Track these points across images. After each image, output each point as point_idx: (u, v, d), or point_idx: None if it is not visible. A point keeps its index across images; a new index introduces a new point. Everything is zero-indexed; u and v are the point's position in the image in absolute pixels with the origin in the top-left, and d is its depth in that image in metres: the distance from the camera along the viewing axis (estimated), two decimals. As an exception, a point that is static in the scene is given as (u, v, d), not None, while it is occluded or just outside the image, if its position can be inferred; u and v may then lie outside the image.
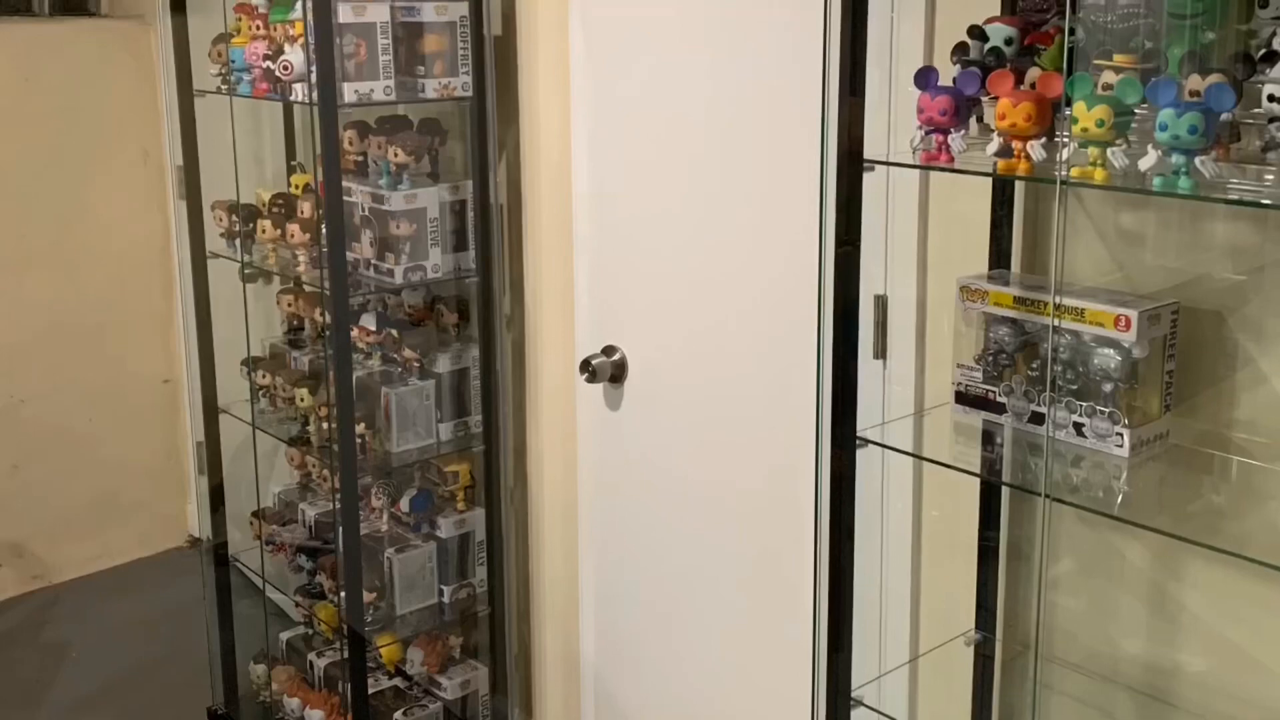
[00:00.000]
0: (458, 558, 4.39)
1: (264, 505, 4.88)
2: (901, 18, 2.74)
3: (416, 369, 4.22)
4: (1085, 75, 2.17)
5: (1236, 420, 2.50)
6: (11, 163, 5.59)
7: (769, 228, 3.30)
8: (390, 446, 4.19)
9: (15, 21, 5.83)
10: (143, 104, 5.92)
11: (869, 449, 2.61)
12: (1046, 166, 2.21)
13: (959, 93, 2.32)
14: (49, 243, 5.76)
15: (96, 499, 6.11)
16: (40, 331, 5.79)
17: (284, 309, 4.68)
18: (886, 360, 2.99)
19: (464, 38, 3.95)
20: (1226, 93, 1.98)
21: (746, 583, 3.57)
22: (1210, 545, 2.27)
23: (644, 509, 3.86)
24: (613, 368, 3.81)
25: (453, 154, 4.25)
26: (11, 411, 5.79)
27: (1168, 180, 2.02)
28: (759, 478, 3.46)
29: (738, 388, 3.48)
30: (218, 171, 4.56)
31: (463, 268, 4.14)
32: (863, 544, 2.66)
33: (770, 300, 3.33)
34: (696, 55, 3.42)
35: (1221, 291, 2.47)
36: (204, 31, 4.42)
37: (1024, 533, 2.91)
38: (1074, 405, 2.44)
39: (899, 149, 2.46)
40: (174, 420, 6.28)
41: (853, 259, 2.47)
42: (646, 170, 3.63)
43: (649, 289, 3.70)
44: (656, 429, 3.77)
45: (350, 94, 3.77)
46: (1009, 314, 2.54)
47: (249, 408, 4.66)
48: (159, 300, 6.13)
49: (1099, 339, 2.41)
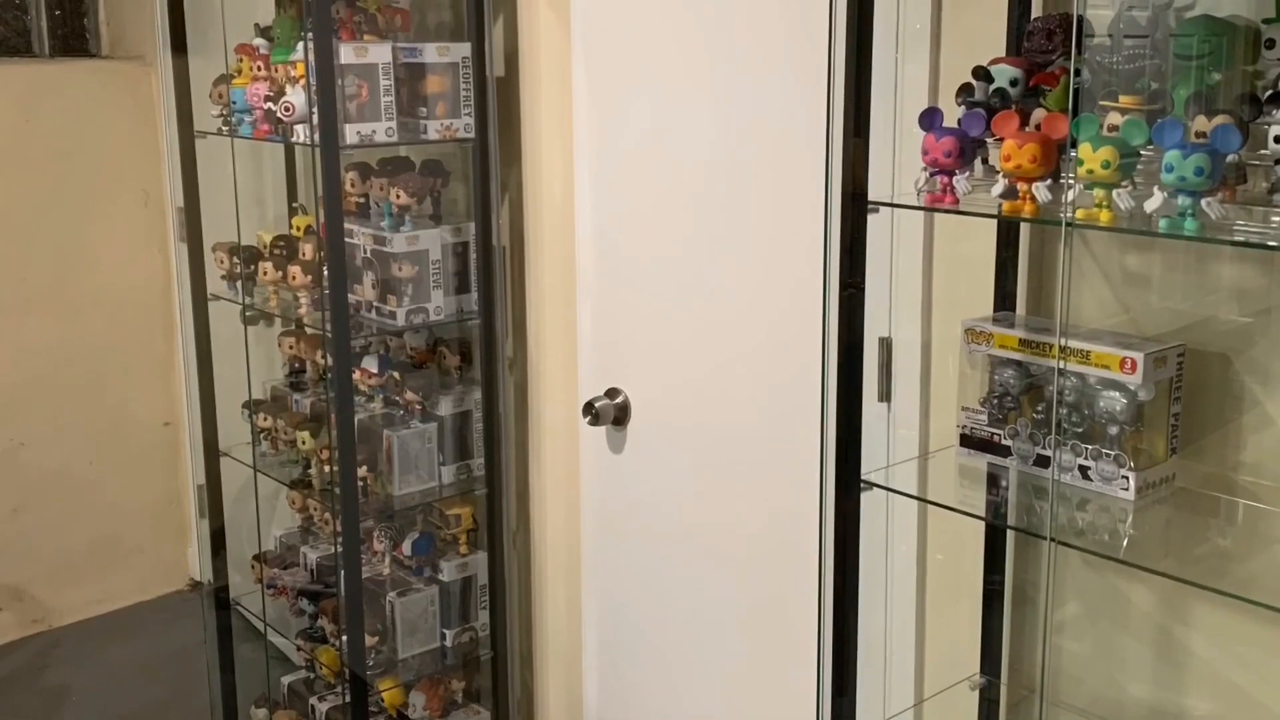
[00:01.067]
0: (460, 601, 4.38)
1: (265, 548, 4.86)
2: (906, 58, 2.74)
3: (418, 412, 4.21)
4: (1091, 116, 2.16)
5: (1243, 463, 2.48)
6: (12, 204, 5.59)
7: (773, 270, 3.29)
8: (392, 489, 4.18)
9: (16, 62, 5.84)
10: (143, 145, 5.92)
11: (873, 492, 2.59)
12: (1052, 208, 2.20)
13: (964, 134, 2.31)
14: (49, 285, 5.76)
15: (97, 542, 6.09)
16: (40, 374, 5.78)
17: (285, 351, 4.67)
18: (891, 403, 2.98)
19: (466, 79, 3.95)
20: (1233, 134, 1.97)
21: (750, 626, 3.55)
22: (1216, 589, 2.25)
23: (647, 552, 3.84)
24: (616, 410, 3.80)
25: (455, 195, 4.25)
26: (12, 455, 5.78)
27: (1174, 222, 2.01)
28: (763, 521, 3.45)
29: (741, 430, 3.47)
30: (219, 213, 4.56)
31: (465, 310, 4.13)
32: (867, 587, 2.65)
33: (774, 343, 3.32)
34: (700, 96, 3.41)
35: (1228, 334, 2.46)
36: (205, 72, 4.42)
37: (1029, 576, 2.90)
38: (1079, 448, 2.43)
39: (903, 190, 2.46)
40: (175, 463, 6.27)
41: (857, 301, 2.46)
42: (650, 212, 3.62)
43: (652, 331, 3.69)
44: (660, 472, 3.75)
45: (352, 135, 3.77)
46: (1014, 356, 2.53)
47: (250, 450, 4.64)
48: (160, 343, 6.12)
49: (1104, 381, 2.40)
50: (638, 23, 3.57)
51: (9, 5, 5.87)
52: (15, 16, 5.91)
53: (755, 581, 3.51)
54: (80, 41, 6.11)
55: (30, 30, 5.96)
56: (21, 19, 5.93)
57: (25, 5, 5.92)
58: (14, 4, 5.89)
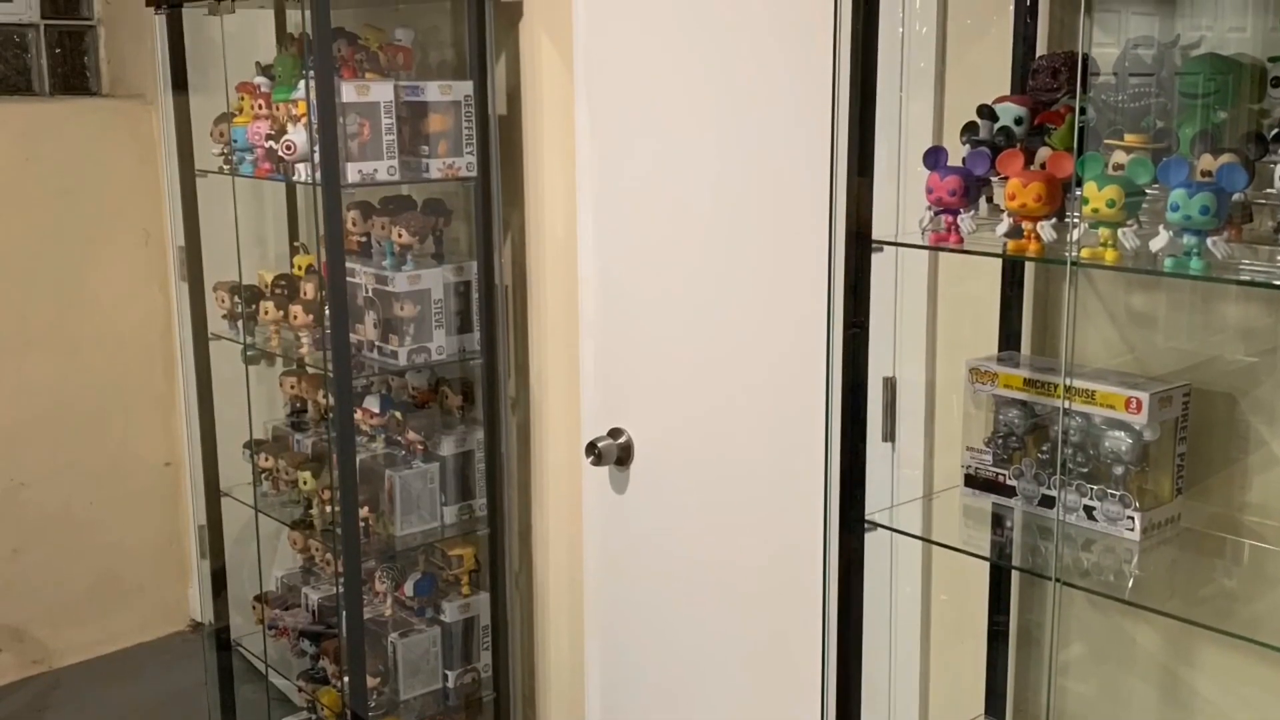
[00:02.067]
0: (462, 642, 4.36)
1: (266, 589, 4.85)
2: (910, 96, 2.74)
3: (420, 452, 4.20)
4: (1096, 155, 2.16)
5: (1249, 503, 2.48)
6: (12, 243, 5.58)
7: (776, 309, 3.28)
8: (394, 530, 4.17)
9: (16, 101, 5.84)
10: (144, 184, 5.92)
11: (877, 532, 2.58)
12: (1057, 247, 2.19)
13: (968, 173, 2.31)
14: (49, 324, 5.75)
15: (97, 583, 6.07)
16: (41, 413, 5.77)
17: (287, 391, 4.67)
18: (895, 442, 2.97)
19: (468, 117, 3.95)
20: (1238, 173, 1.96)
21: (753, 667, 3.54)
22: (1222, 630, 2.24)
23: (650, 592, 3.83)
24: (619, 450, 3.79)
25: (457, 234, 4.24)
26: (12, 494, 5.76)
27: (1179, 261, 2.01)
28: (766, 561, 3.44)
29: (745, 470, 3.45)
30: (220, 252, 4.56)
31: (467, 349, 4.13)
32: (871, 628, 2.64)
33: (777, 382, 3.31)
34: (703, 134, 3.41)
35: (1233, 373, 2.46)
36: (206, 111, 4.43)
37: (1034, 617, 2.89)
38: (1085, 488, 2.42)
39: (908, 229, 2.45)
40: (175, 503, 6.25)
41: (861, 340, 2.45)
42: (653, 251, 3.62)
43: (655, 371, 3.68)
44: (663, 512, 3.74)
45: (354, 174, 3.77)
46: (1019, 396, 2.52)
47: (251, 490, 4.64)
48: (160, 382, 6.11)
49: (1110, 421, 2.39)
50: (641, 61, 3.56)
51: (9, 44, 5.88)
52: (15, 55, 5.92)
53: (759, 621, 3.49)
54: (81, 80, 6.11)
55: (30, 69, 5.96)
56: (22, 57, 5.94)
57: (25, 44, 5.92)
58: (14, 42, 5.89)
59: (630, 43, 3.59)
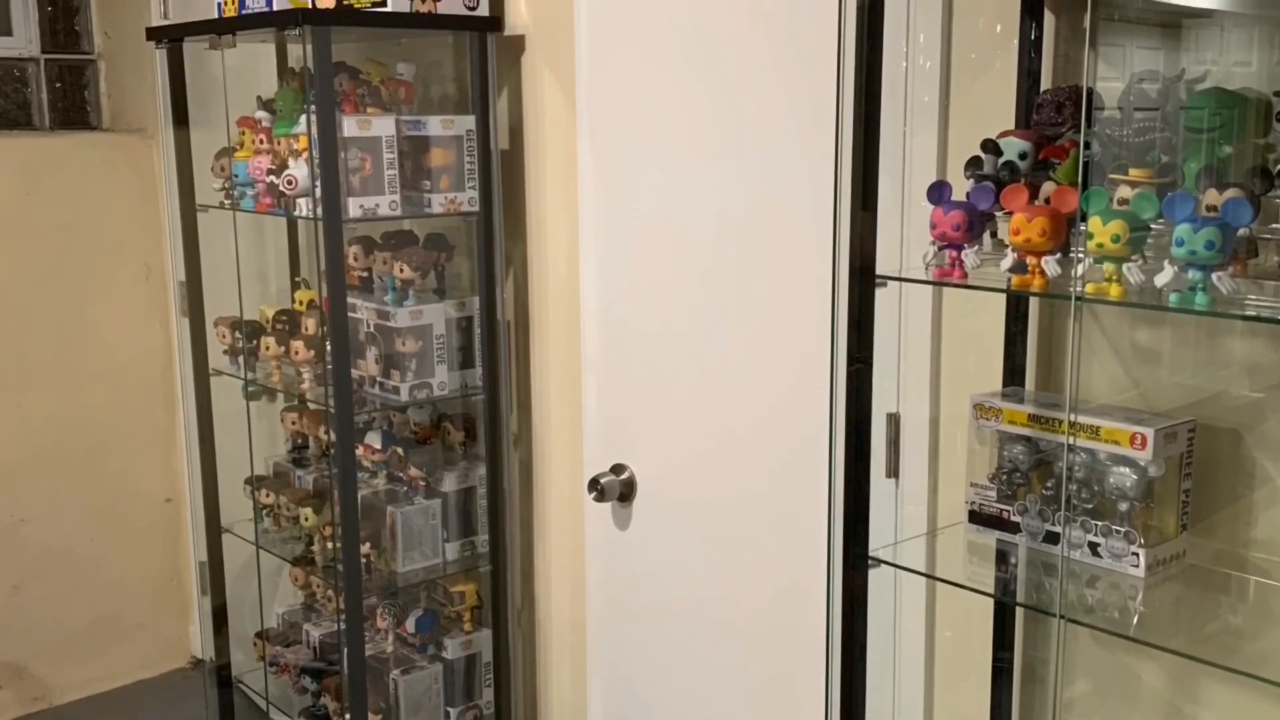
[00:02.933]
0: (464, 679, 4.35)
1: (267, 626, 4.84)
2: (914, 131, 2.73)
3: (422, 488, 4.19)
4: (1101, 190, 2.15)
5: (1254, 540, 2.47)
6: (12, 277, 5.57)
7: (779, 344, 3.28)
8: (396, 566, 4.16)
9: (16, 135, 5.83)
10: (145, 218, 5.91)
11: (881, 569, 2.57)
12: (1061, 282, 2.19)
13: (972, 207, 2.30)
14: (50, 359, 5.74)
15: (98, 619, 6.05)
16: (41, 450, 5.75)
17: (288, 427, 4.67)
18: (899, 478, 2.96)
19: (470, 152, 3.95)
20: (1244, 207, 1.96)
21: (757, 703, 3.52)
22: (1228, 667, 2.24)
23: (653, 629, 3.81)
24: (621, 486, 3.78)
25: (459, 269, 4.24)
26: (12, 531, 5.75)
27: (1184, 296, 2.00)
28: (770, 597, 3.43)
29: (748, 506, 3.45)
30: (220, 287, 4.56)
31: (469, 385, 4.12)
32: (875, 664, 2.63)
33: (781, 418, 3.31)
34: (706, 168, 3.41)
35: (1239, 409, 2.45)
36: (206, 145, 4.43)
37: (1039, 654, 2.88)
38: (1089, 524, 2.41)
39: (912, 264, 2.45)
40: (176, 540, 6.24)
41: (864, 376, 2.45)
42: (656, 286, 3.61)
43: (658, 407, 3.68)
44: (666, 548, 3.73)
45: (355, 209, 3.76)
46: (1023, 432, 2.52)
47: (252, 527, 4.63)
48: (161, 418, 6.10)
49: (1115, 457, 2.38)
50: (643, 95, 3.56)
51: (9, 78, 5.88)
52: (16, 89, 5.92)
53: (762, 658, 3.48)
54: (81, 114, 6.11)
55: (31, 103, 5.96)
56: (22, 91, 5.94)
57: (26, 78, 5.92)
58: (14, 76, 5.89)
59: (633, 77, 3.59)
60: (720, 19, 3.31)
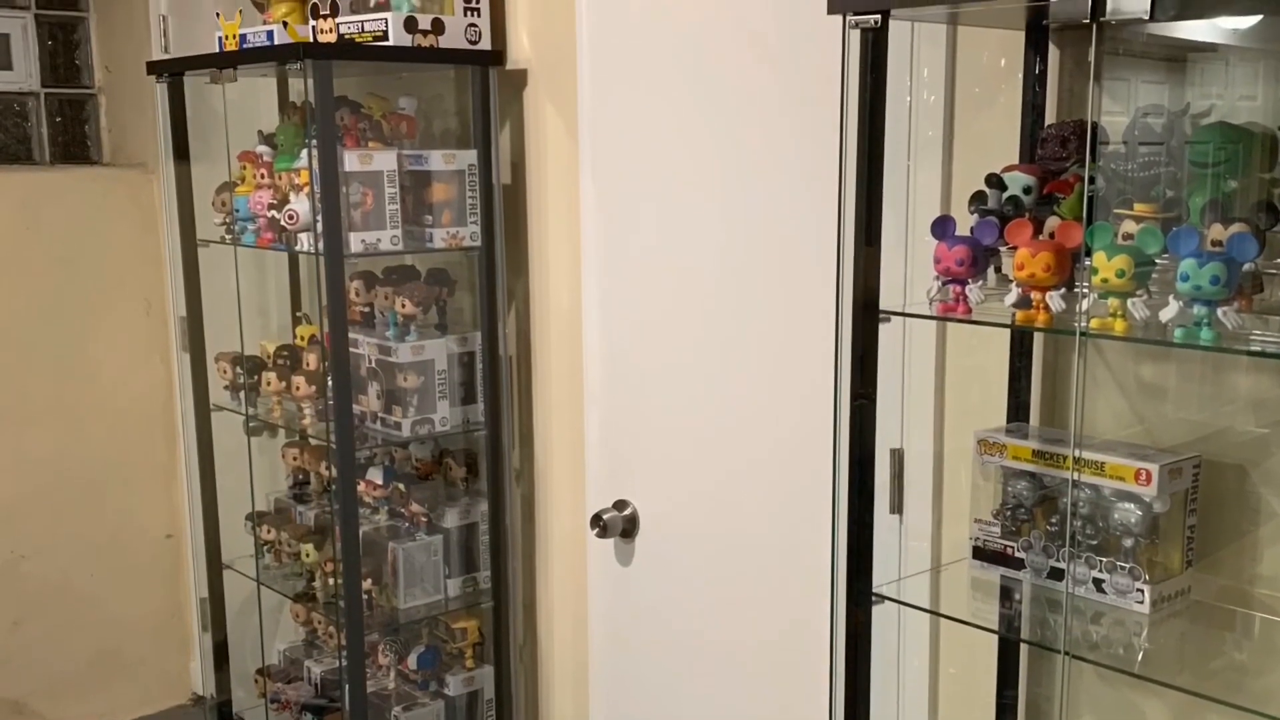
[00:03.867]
0: (466, 716, 4.34)
1: (269, 662, 4.83)
2: (918, 166, 2.73)
3: (424, 524, 4.18)
4: (1105, 224, 2.15)
5: (1259, 576, 2.47)
6: (12, 312, 5.57)
7: (783, 380, 3.27)
8: (397, 603, 4.15)
9: (16, 170, 5.83)
10: (145, 253, 5.90)
11: (885, 605, 2.57)
12: (1066, 318, 2.18)
13: (976, 242, 2.30)
14: (50, 395, 5.73)
15: (98, 656, 6.04)
16: (41, 485, 5.74)
17: (289, 462, 4.66)
18: (903, 514, 2.95)
19: (472, 186, 3.95)
20: (1249, 242, 1.95)
21: (760, 742, 3.52)
22: (1233, 704, 2.22)
23: (656, 666, 3.80)
24: (624, 522, 3.77)
25: (461, 305, 4.24)
26: (12, 567, 5.73)
27: (1189, 331, 2.00)
28: (773, 634, 3.42)
29: (751, 543, 3.44)
30: (221, 322, 4.56)
31: (471, 420, 4.11)
32: (878, 701, 2.62)
33: (784, 454, 3.30)
34: (709, 203, 3.40)
35: (1244, 445, 2.44)
36: (207, 180, 4.43)
37: (1043, 690, 2.87)
38: (1094, 560, 2.41)
39: (915, 299, 2.44)
40: (177, 576, 6.22)
41: (868, 411, 2.44)
42: (658, 321, 3.61)
43: (661, 442, 3.67)
44: (669, 585, 3.72)
45: (356, 244, 3.76)
46: (1028, 468, 2.51)
47: (253, 563, 4.62)
48: (161, 453, 6.08)
49: (1119, 493, 2.38)
50: (646, 129, 3.56)
51: (9, 112, 5.89)
52: (16, 123, 5.92)
53: (765, 695, 3.47)
54: (81, 148, 6.11)
55: (31, 137, 5.97)
56: (22, 126, 5.94)
57: (26, 112, 5.93)
58: (14, 110, 5.90)
59: (636, 111, 3.58)
60: (723, 52, 3.31)
